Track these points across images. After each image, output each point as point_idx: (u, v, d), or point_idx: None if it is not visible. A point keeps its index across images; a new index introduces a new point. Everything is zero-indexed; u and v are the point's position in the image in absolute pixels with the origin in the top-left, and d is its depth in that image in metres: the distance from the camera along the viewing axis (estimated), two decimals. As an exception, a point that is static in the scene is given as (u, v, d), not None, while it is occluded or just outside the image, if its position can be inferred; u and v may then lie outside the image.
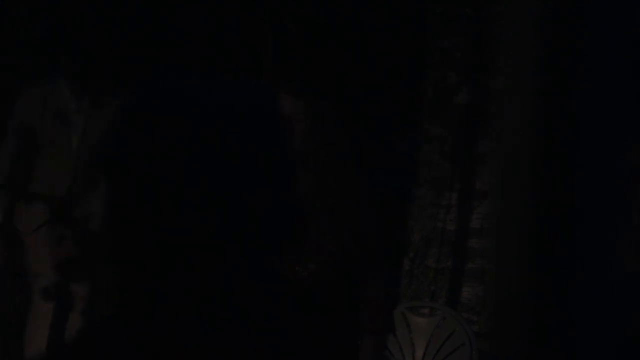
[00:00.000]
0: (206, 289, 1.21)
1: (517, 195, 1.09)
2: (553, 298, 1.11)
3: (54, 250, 4.41)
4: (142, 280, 1.22)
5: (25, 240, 4.54)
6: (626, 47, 1.08)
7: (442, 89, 5.12)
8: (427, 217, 5.15)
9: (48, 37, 4.77)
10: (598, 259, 1.07)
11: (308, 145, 3.29)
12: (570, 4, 1.10)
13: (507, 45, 1.13)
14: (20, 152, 4.43)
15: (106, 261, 1.32)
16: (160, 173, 1.18)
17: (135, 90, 1.23)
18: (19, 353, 4.62)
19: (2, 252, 4.58)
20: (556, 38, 1.10)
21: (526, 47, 1.10)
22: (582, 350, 1.11)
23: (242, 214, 1.19)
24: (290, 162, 1.24)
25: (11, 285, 4.74)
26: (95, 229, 4.30)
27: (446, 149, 5.10)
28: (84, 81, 4.52)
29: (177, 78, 1.24)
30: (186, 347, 1.20)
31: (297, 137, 1.21)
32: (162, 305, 1.22)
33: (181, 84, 1.23)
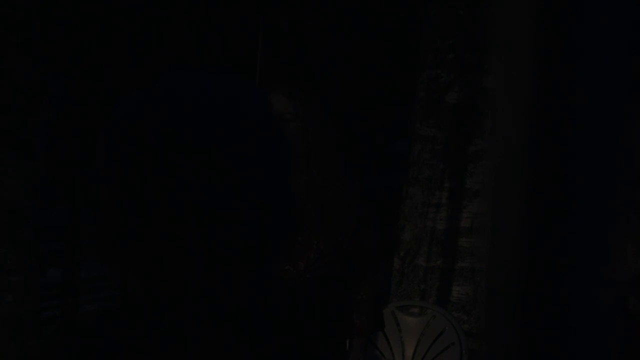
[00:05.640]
0: (197, 289, 1.22)
1: (510, 194, 1.09)
2: (545, 297, 1.12)
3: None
4: (139, 281, 1.22)
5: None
6: (620, 46, 1.09)
7: (435, 89, 5.13)
8: (417, 216, 5.15)
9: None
10: (591, 259, 1.08)
11: (299, 145, 3.29)
12: (563, 6, 1.11)
13: (500, 46, 1.13)
14: None
15: (105, 262, 1.32)
16: (153, 173, 1.18)
17: (133, 91, 1.24)
18: (13, 353, 4.60)
19: None
20: (549, 38, 1.11)
21: (519, 47, 1.11)
22: (573, 350, 1.11)
23: (234, 213, 1.19)
24: (282, 161, 1.25)
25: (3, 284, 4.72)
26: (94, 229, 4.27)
27: (437, 148, 5.11)
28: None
29: (170, 77, 1.25)
30: (179, 346, 1.20)
31: (288, 137, 1.21)
32: (157, 306, 1.22)
33: (174, 83, 1.23)
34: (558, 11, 1.11)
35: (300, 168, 3.28)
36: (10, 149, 4.64)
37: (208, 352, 1.21)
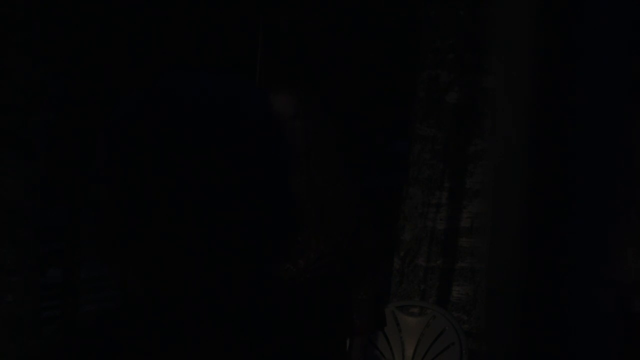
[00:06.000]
0: (197, 289, 1.22)
1: (510, 194, 1.09)
2: (545, 297, 1.12)
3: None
4: (139, 281, 1.22)
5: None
6: (620, 46, 1.09)
7: (435, 89, 5.13)
8: (417, 216, 5.15)
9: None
10: (591, 259, 1.08)
11: (299, 145, 3.29)
12: (563, 6, 1.11)
13: (500, 46, 1.13)
14: None
15: (105, 262, 1.32)
16: (153, 173, 1.18)
17: (133, 91, 1.24)
18: (13, 353, 4.59)
19: None
20: (549, 38, 1.11)
21: (519, 47, 1.11)
22: (573, 350, 1.11)
23: (234, 213, 1.19)
24: (282, 161, 1.25)
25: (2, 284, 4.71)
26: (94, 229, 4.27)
27: (437, 148, 5.11)
28: None
29: (170, 77, 1.25)
30: (179, 346, 1.20)
31: (288, 137, 1.22)
32: (157, 306, 1.23)
33: (174, 83, 1.23)
34: (558, 11, 1.11)
35: (300, 168, 3.28)
36: (10, 149, 4.64)
37: (208, 352, 1.21)
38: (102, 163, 1.22)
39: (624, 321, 1.13)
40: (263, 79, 6.81)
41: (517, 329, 1.13)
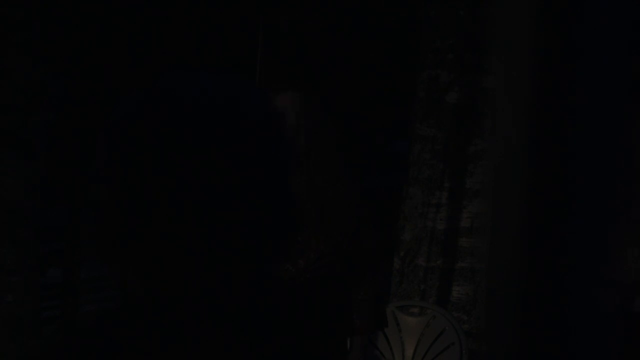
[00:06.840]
0: (197, 289, 1.22)
1: (510, 194, 1.09)
2: (545, 297, 1.12)
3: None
4: (139, 281, 1.22)
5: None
6: (620, 46, 1.09)
7: (435, 89, 5.13)
8: (417, 216, 5.15)
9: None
10: (591, 259, 1.08)
11: (299, 145, 3.29)
12: (563, 6, 1.11)
13: (500, 46, 1.13)
14: None
15: (106, 262, 1.32)
16: (153, 173, 1.18)
17: (133, 91, 1.24)
18: (13, 353, 4.59)
19: None
20: (549, 38, 1.11)
21: (519, 47, 1.11)
22: (573, 350, 1.11)
23: (234, 213, 1.19)
24: (282, 161, 1.25)
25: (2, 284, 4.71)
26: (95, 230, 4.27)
27: (437, 148, 5.11)
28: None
29: (170, 77, 1.25)
30: (179, 346, 1.20)
31: (288, 137, 1.22)
32: (157, 306, 1.23)
33: (174, 83, 1.23)
34: (558, 11, 1.11)
35: (300, 168, 3.28)
36: (10, 149, 4.64)
37: (208, 352, 1.21)
38: (102, 163, 1.22)
39: (624, 321, 1.13)
40: (263, 79, 6.81)
41: (517, 329, 1.13)
